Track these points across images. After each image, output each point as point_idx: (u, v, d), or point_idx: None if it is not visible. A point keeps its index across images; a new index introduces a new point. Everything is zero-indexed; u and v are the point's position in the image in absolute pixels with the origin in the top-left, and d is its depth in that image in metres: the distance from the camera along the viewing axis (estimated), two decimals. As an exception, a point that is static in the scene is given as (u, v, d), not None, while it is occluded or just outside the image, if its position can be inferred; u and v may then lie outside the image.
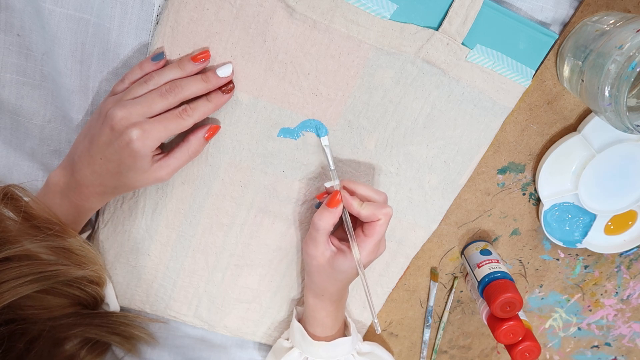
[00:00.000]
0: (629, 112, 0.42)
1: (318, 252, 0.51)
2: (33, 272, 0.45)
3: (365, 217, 0.50)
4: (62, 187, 0.48)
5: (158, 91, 0.45)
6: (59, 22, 0.47)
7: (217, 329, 0.64)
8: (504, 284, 0.55)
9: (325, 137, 0.52)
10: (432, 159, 0.55)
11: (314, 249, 0.51)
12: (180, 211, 0.56)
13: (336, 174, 0.52)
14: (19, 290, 0.44)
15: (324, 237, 0.51)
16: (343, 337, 0.57)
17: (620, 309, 0.72)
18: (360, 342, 0.61)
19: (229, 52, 0.48)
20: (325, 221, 0.50)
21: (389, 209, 0.50)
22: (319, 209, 0.51)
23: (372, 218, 0.49)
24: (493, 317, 0.57)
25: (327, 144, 0.52)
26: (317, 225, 0.50)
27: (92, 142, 0.45)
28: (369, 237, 0.50)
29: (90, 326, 0.53)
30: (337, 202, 0.50)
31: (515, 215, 0.61)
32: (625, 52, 0.40)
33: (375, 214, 0.49)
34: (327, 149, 0.52)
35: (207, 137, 0.49)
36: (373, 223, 0.50)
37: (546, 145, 0.57)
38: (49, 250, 0.47)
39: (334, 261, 0.51)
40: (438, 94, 0.52)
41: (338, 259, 0.51)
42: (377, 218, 0.49)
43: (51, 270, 0.46)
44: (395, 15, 0.48)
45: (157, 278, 0.60)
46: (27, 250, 0.45)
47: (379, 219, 0.49)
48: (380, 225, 0.49)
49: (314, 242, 0.51)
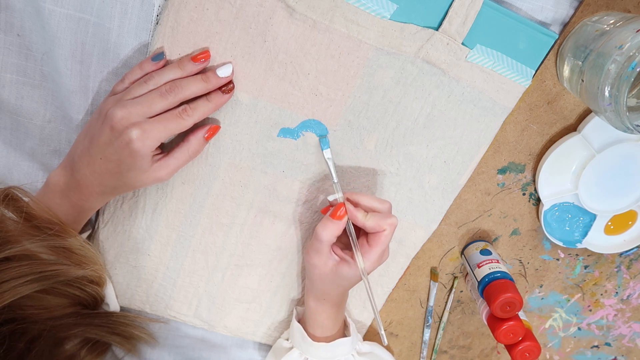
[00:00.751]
0: (629, 112, 0.42)
1: (321, 262, 0.51)
2: (33, 272, 0.45)
3: (370, 228, 0.49)
4: (62, 187, 0.48)
5: (158, 91, 0.45)
6: (59, 22, 0.47)
7: (217, 329, 0.64)
8: (504, 284, 0.55)
9: (328, 149, 0.52)
10: (432, 159, 0.55)
11: (317, 259, 0.51)
12: (180, 211, 0.56)
13: (339, 187, 0.51)
14: (19, 290, 0.44)
15: (326, 248, 0.50)
16: (343, 338, 0.57)
17: (620, 309, 0.72)
18: (360, 342, 0.61)
19: (229, 52, 0.48)
20: (328, 233, 0.49)
21: (394, 218, 0.49)
22: (322, 220, 0.50)
23: (377, 229, 0.49)
24: (493, 317, 0.57)
25: (330, 157, 0.52)
26: (320, 236, 0.50)
27: (92, 142, 0.45)
28: (373, 247, 0.50)
29: (90, 326, 0.53)
30: (341, 215, 0.49)
31: (515, 215, 0.61)
32: (625, 52, 0.40)
33: (380, 225, 0.49)
34: (329, 162, 0.52)
35: (207, 137, 0.49)
36: (378, 233, 0.49)
37: (546, 145, 0.57)
38: (49, 250, 0.47)
39: (337, 270, 0.51)
40: (438, 94, 0.52)
41: (342, 268, 0.51)
42: (382, 229, 0.49)
43: (51, 270, 0.46)
44: (395, 15, 0.48)
45: (157, 278, 0.60)
46: (27, 250, 0.45)
47: (384, 229, 0.49)
48: (385, 236, 0.49)
49: (316, 252, 0.51)
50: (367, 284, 0.51)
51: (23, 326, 0.47)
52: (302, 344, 0.57)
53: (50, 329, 0.49)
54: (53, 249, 0.47)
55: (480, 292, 0.57)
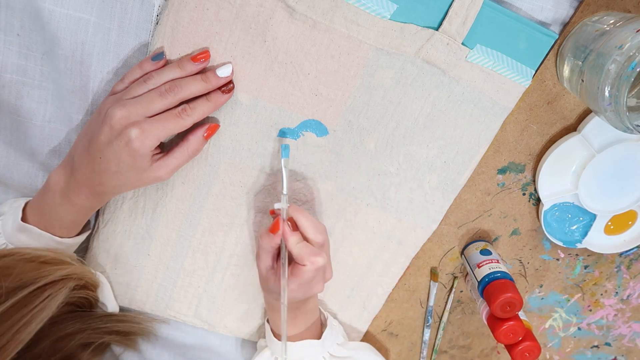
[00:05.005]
0: (629, 112, 0.42)
1: (261, 265, 0.51)
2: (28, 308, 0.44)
3: (295, 257, 0.48)
4: (62, 187, 0.48)
5: (157, 91, 0.45)
6: (59, 22, 0.47)
7: (217, 329, 0.64)
8: (504, 284, 0.55)
9: (287, 159, 0.51)
10: (432, 159, 0.55)
11: (258, 261, 0.51)
12: (180, 211, 0.56)
13: (286, 200, 0.50)
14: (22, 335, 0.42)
15: (265, 254, 0.50)
16: (311, 340, 0.56)
17: (620, 309, 0.72)
18: (338, 345, 0.59)
19: (229, 52, 0.48)
20: (265, 242, 0.49)
21: (320, 259, 0.48)
22: (263, 229, 0.50)
23: (299, 261, 0.48)
24: (493, 317, 0.57)
25: (286, 166, 0.51)
26: (259, 242, 0.50)
27: (91, 141, 0.45)
28: (293, 275, 0.49)
29: (89, 326, 0.52)
30: (276, 230, 0.48)
31: (515, 215, 0.61)
32: (625, 52, 0.40)
33: (303, 259, 0.48)
34: (284, 171, 0.50)
35: (206, 136, 0.49)
36: (299, 265, 0.48)
37: (546, 145, 0.57)
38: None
39: (267, 278, 0.51)
40: (438, 94, 0.52)
41: (270, 278, 0.50)
42: (303, 263, 0.48)
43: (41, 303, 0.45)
44: (395, 15, 0.48)
45: (157, 278, 0.60)
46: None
47: (304, 264, 0.48)
48: (305, 271, 0.48)
49: (257, 255, 0.51)
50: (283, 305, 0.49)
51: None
52: (270, 343, 0.57)
53: (50, 329, 0.49)
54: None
55: (480, 292, 0.57)
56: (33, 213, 0.50)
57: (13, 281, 0.43)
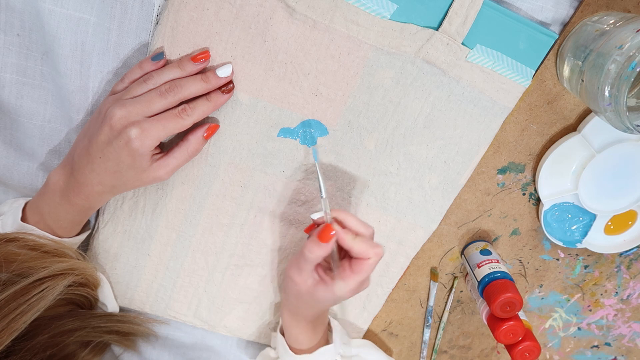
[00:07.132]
0: (629, 112, 0.42)
1: (301, 279, 0.49)
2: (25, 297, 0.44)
3: (356, 253, 0.47)
4: (62, 186, 0.48)
5: (157, 90, 0.45)
6: (59, 22, 0.47)
7: (217, 329, 0.64)
8: (504, 284, 0.55)
9: (317, 162, 0.51)
10: (432, 159, 0.55)
11: (298, 276, 0.49)
12: (180, 211, 0.56)
13: (328, 203, 0.49)
14: (16, 324, 0.43)
15: (310, 267, 0.48)
16: (325, 346, 0.56)
17: (620, 309, 0.72)
18: (346, 345, 0.59)
19: (229, 52, 0.48)
20: (315, 255, 0.47)
21: (381, 248, 0.47)
22: (309, 241, 0.47)
23: (364, 255, 0.47)
24: (493, 317, 0.57)
25: (320, 170, 0.50)
26: (306, 257, 0.47)
27: (91, 141, 0.45)
28: (355, 273, 0.47)
29: (89, 324, 0.52)
30: (329, 237, 0.46)
31: (515, 215, 0.61)
32: (625, 52, 0.40)
33: (367, 252, 0.47)
34: (320, 175, 0.49)
35: (206, 136, 0.49)
36: (362, 260, 0.47)
37: (546, 145, 0.57)
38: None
39: (315, 290, 0.49)
40: (438, 94, 0.52)
41: (319, 289, 0.49)
42: (368, 256, 0.47)
43: (38, 294, 0.45)
44: (395, 15, 0.48)
45: (157, 278, 0.60)
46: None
47: (369, 257, 0.47)
48: (369, 264, 0.47)
49: (298, 269, 0.49)
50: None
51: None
52: (285, 356, 0.57)
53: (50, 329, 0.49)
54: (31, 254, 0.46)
55: (480, 292, 0.57)
56: (33, 213, 0.50)
57: (15, 269, 0.43)
